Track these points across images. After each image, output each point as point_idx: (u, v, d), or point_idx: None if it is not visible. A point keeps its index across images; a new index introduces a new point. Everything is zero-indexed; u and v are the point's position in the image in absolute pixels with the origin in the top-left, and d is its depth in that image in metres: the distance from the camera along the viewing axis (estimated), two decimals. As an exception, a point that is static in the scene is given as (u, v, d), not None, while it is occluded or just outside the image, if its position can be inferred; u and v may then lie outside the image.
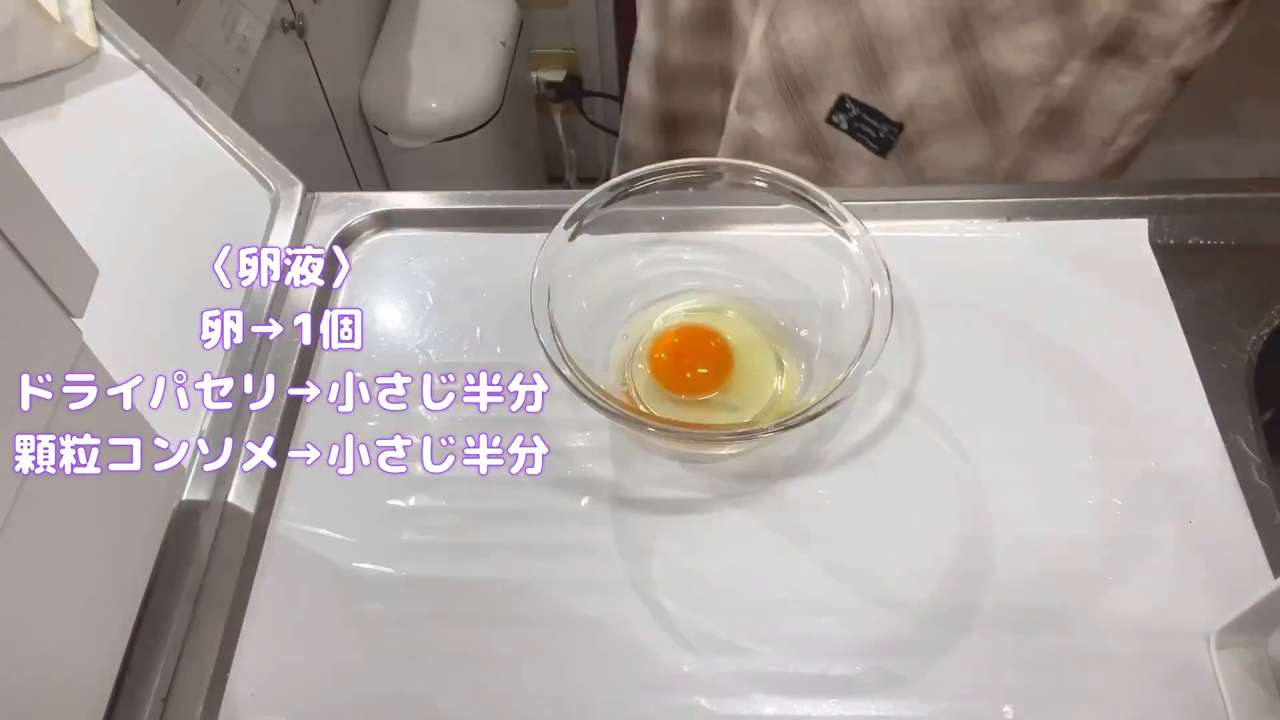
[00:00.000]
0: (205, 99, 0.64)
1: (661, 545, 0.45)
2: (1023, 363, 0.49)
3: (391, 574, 0.44)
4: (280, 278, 0.54)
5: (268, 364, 0.51)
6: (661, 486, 0.46)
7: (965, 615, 0.42)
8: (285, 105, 1.25)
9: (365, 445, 0.48)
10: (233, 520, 0.46)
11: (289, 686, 0.42)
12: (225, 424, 0.48)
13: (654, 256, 0.50)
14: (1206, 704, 0.39)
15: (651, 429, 0.41)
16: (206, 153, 0.62)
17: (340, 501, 0.47)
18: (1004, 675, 0.40)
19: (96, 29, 0.68)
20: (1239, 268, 0.52)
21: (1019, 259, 0.53)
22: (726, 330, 0.49)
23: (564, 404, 0.49)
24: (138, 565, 0.42)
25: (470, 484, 0.47)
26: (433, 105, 1.45)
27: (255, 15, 1.12)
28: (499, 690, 0.41)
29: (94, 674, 0.39)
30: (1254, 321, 0.50)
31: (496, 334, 0.52)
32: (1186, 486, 0.45)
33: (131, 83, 0.66)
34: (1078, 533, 0.44)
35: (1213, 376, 0.48)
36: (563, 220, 0.46)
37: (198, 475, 0.47)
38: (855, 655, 0.41)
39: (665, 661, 0.41)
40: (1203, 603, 0.42)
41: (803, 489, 0.46)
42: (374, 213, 0.57)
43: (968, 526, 0.44)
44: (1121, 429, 0.47)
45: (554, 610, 0.43)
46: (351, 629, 0.43)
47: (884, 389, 0.49)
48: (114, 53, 0.67)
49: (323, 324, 0.53)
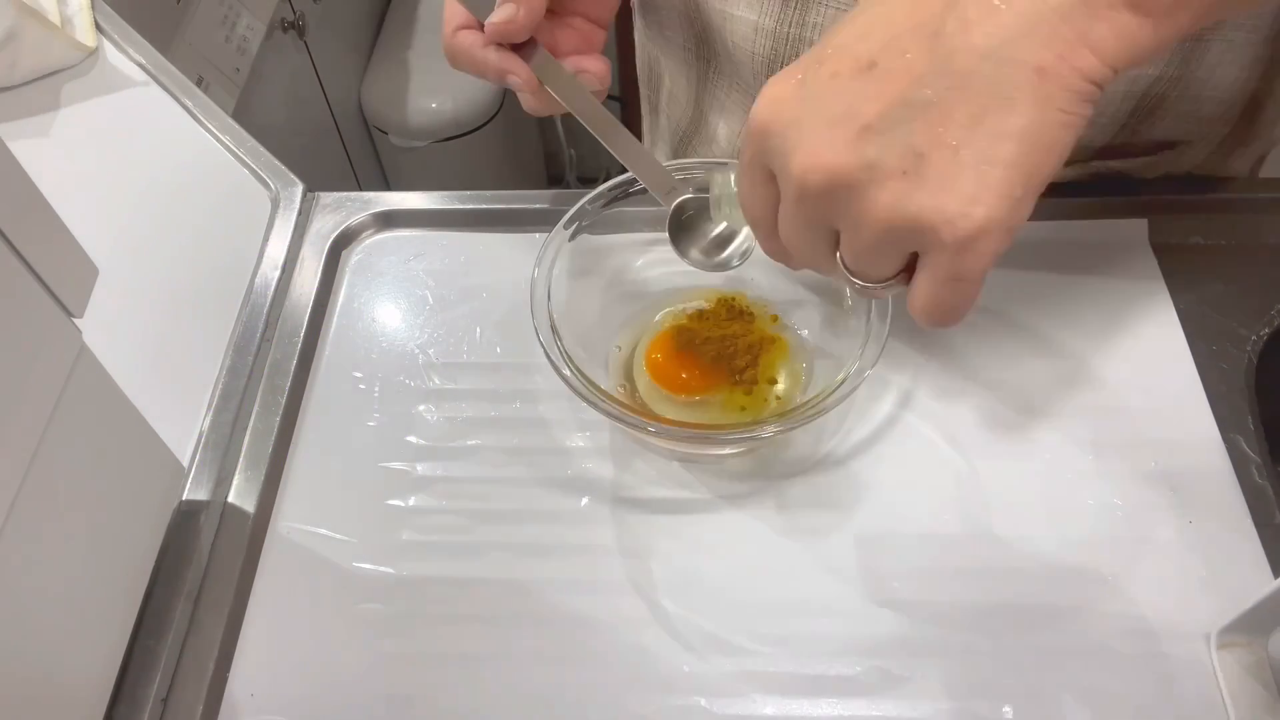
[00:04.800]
0: (205, 99, 0.65)
1: (661, 545, 0.45)
2: (1023, 362, 0.49)
3: (391, 574, 0.44)
4: (280, 277, 0.54)
5: (268, 364, 0.51)
6: (661, 486, 0.46)
7: (965, 615, 0.42)
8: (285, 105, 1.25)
9: (365, 445, 0.48)
10: (233, 520, 0.46)
11: (289, 686, 0.42)
12: (225, 424, 0.48)
13: (654, 256, 0.50)
14: (1206, 704, 0.39)
15: (651, 429, 0.41)
16: (206, 153, 0.62)
17: (340, 501, 0.47)
18: (1004, 675, 0.40)
19: (96, 29, 0.68)
20: (1239, 268, 0.52)
21: (1019, 259, 0.53)
22: (726, 330, 0.49)
23: (564, 404, 0.49)
24: (138, 565, 0.42)
25: (470, 484, 0.47)
26: (433, 105, 1.45)
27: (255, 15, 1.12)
28: (499, 690, 0.41)
29: (94, 674, 0.39)
30: (1254, 321, 0.50)
31: (496, 334, 0.52)
32: (1186, 486, 0.45)
33: (131, 83, 0.66)
34: (1078, 533, 0.44)
35: (1213, 376, 0.48)
36: (563, 220, 0.46)
37: (198, 475, 0.47)
38: (855, 655, 0.41)
39: (665, 661, 0.41)
40: (1203, 603, 0.42)
41: (803, 489, 0.46)
42: (374, 213, 0.57)
43: (968, 526, 0.44)
44: (1121, 429, 0.47)
45: (554, 610, 0.43)
46: (351, 629, 0.43)
47: (884, 389, 0.49)
48: (114, 53, 0.67)
49: (322, 324, 0.53)
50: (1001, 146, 0.29)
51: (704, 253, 0.44)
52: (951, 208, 0.29)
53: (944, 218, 0.29)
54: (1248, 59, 0.50)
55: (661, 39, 0.61)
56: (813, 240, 0.34)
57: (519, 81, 0.44)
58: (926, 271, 0.31)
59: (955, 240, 0.29)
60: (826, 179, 0.31)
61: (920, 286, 0.32)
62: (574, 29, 0.48)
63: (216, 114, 0.63)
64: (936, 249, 0.30)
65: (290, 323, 0.53)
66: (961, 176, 0.29)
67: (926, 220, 0.29)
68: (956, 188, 0.29)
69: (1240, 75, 0.51)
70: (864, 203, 0.30)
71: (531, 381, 0.50)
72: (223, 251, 0.56)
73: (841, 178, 0.30)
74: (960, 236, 0.29)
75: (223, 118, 0.63)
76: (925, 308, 0.32)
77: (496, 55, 0.44)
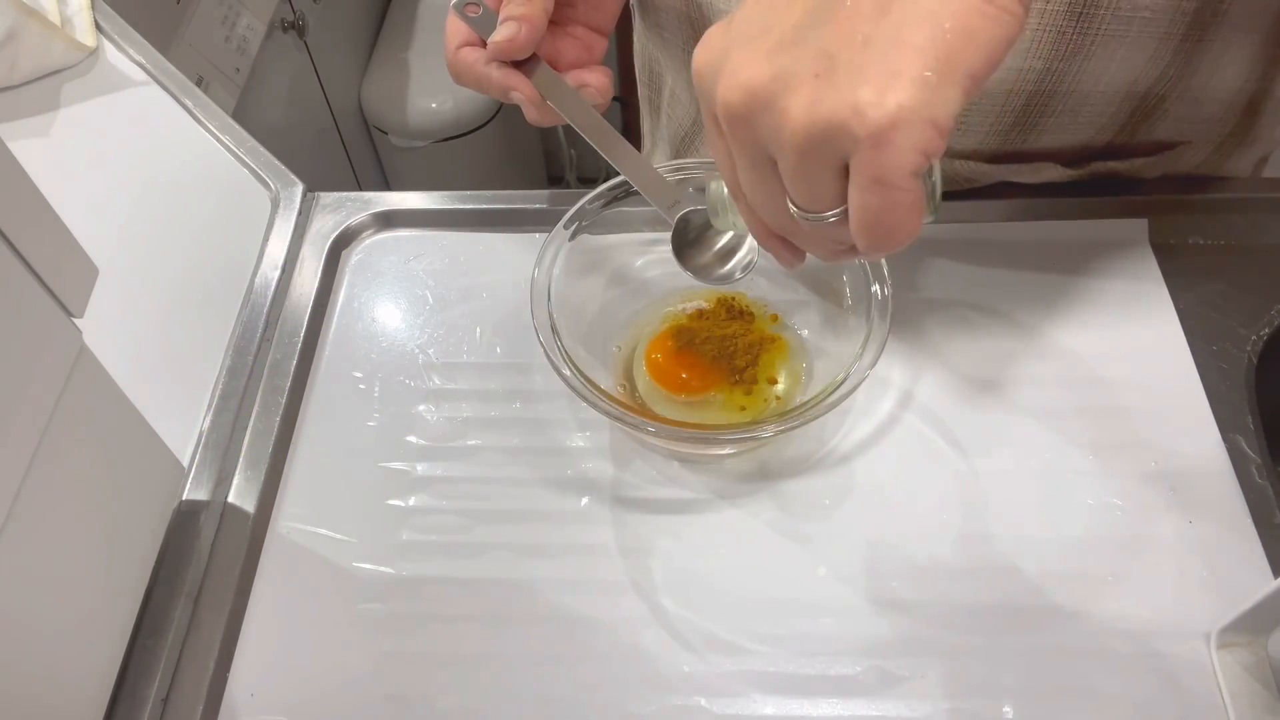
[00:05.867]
0: (205, 99, 0.65)
1: (661, 545, 0.45)
2: (1023, 363, 0.49)
3: (391, 574, 0.44)
4: (280, 277, 0.54)
5: (268, 364, 0.51)
6: (661, 486, 0.46)
7: (965, 615, 0.42)
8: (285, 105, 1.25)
9: (365, 445, 0.48)
10: (233, 520, 0.46)
11: (289, 686, 0.42)
12: (225, 424, 0.48)
13: (654, 256, 0.50)
14: (1206, 704, 0.39)
15: (651, 429, 0.41)
16: (206, 153, 0.62)
17: (340, 501, 0.47)
18: (1004, 675, 0.40)
19: (96, 29, 0.68)
20: (1239, 268, 0.52)
21: (1019, 259, 0.53)
22: (725, 330, 0.49)
23: (564, 404, 0.49)
24: (138, 565, 0.42)
25: (470, 484, 0.47)
26: (433, 105, 1.45)
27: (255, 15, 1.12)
28: (499, 690, 0.41)
29: (94, 674, 0.39)
30: (1254, 321, 0.50)
31: (496, 334, 0.52)
32: (1186, 486, 0.45)
33: (131, 83, 0.66)
34: (1078, 533, 0.44)
35: (1213, 376, 0.48)
36: (563, 220, 0.46)
37: (198, 475, 0.47)
38: (855, 655, 0.41)
39: (665, 661, 0.41)
40: (1203, 603, 0.42)
41: (803, 489, 0.46)
42: (374, 213, 0.57)
43: (968, 526, 0.44)
44: (1121, 429, 0.47)
45: (554, 610, 0.43)
46: (351, 629, 0.43)
47: (884, 389, 0.49)
48: (114, 53, 0.67)
49: (322, 324, 0.53)
50: (910, 31, 0.27)
51: (707, 265, 0.44)
52: (862, 98, 0.27)
53: (854, 110, 0.28)
54: (1246, 59, 0.50)
55: (660, 40, 0.61)
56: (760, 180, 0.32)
57: (521, 97, 0.45)
58: (853, 182, 0.30)
59: (869, 133, 0.28)
60: (744, 96, 0.30)
61: (851, 201, 0.30)
62: (575, 39, 0.48)
63: (216, 114, 0.63)
64: (855, 150, 0.28)
65: (290, 323, 0.53)
66: (869, 67, 0.28)
67: (839, 118, 0.28)
68: (865, 79, 0.28)
69: (1239, 75, 0.51)
70: (781, 115, 0.29)
71: (531, 381, 0.50)
72: (223, 251, 0.56)
73: (757, 92, 0.29)
74: (872, 128, 0.27)
75: (223, 118, 0.63)
76: (858, 225, 0.30)
77: (499, 72, 0.45)
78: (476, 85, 0.46)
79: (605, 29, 0.49)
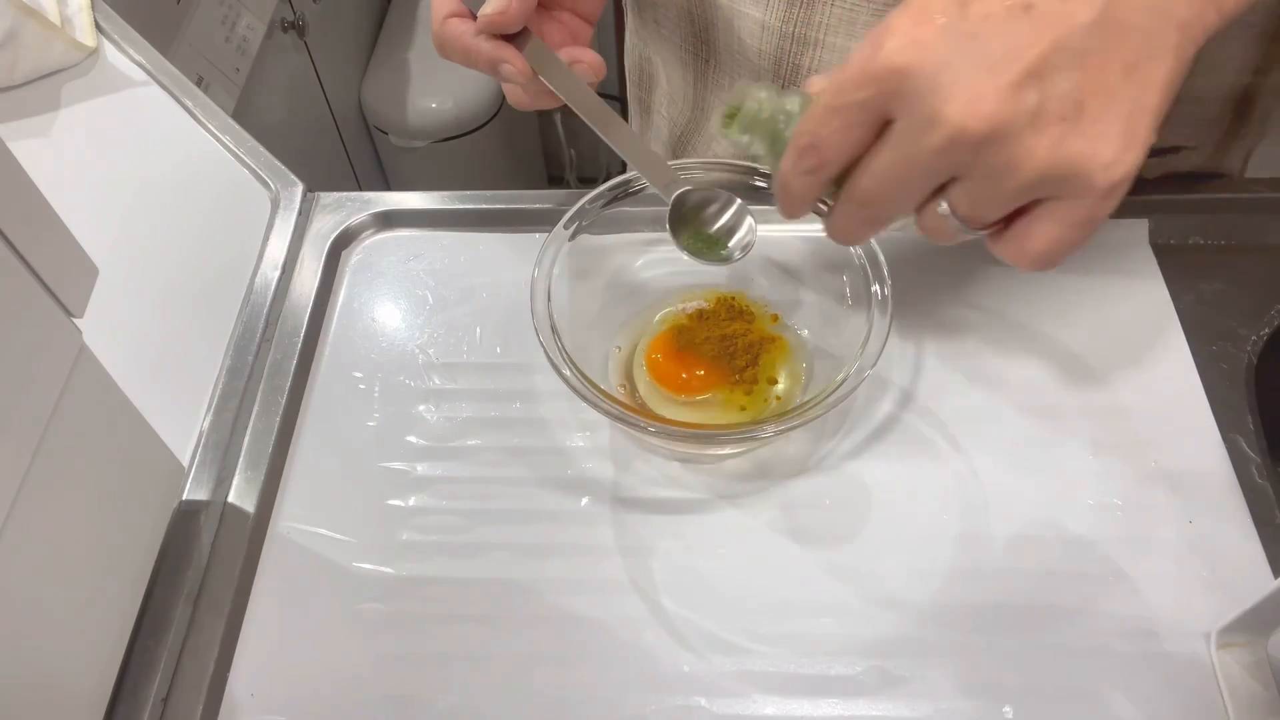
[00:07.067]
0: (205, 99, 0.65)
1: (661, 545, 0.45)
2: (1023, 363, 0.49)
3: (391, 574, 0.44)
4: (280, 278, 0.54)
5: (268, 364, 0.51)
6: (661, 486, 0.46)
7: (965, 615, 0.42)
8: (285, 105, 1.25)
9: (365, 445, 0.48)
10: (233, 520, 0.46)
11: (289, 686, 0.42)
12: (225, 424, 0.48)
13: (654, 256, 0.50)
14: (1206, 704, 0.39)
15: (651, 429, 0.41)
16: (206, 153, 0.62)
17: (340, 501, 0.47)
18: (1004, 675, 0.40)
19: (96, 29, 0.68)
20: (1239, 268, 0.52)
21: (1019, 259, 0.53)
22: (726, 330, 0.49)
23: (564, 404, 0.49)
24: (138, 565, 0.42)
25: (470, 484, 0.47)
26: (433, 105, 1.45)
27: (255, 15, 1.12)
28: (499, 690, 0.41)
29: (94, 674, 0.39)
30: (1254, 321, 0.50)
31: (496, 334, 0.52)
32: (1186, 486, 0.45)
33: (131, 83, 0.66)
34: (1078, 533, 0.44)
35: (1213, 376, 0.48)
36: (563, 220, 0.46)
37: (198, 475, 0.47)
38: (855, 655, 0.41)
39: (665, 661, 0.41)
40: (1203, 603, 0.42)
41: (803, 489, 0.46)
42: (374, 213, 0.57)
43: (968, 526, 0.44)
44: (1121, 429, 0.47)
45: (553, 610, 0.43)
46: (351, 629, 0.43)
47: (884, 389, 0.49)
48: (114, 53, 0.67)
49: (322, 324, 0.53)
50: (1150, 96, 0.30)
51: (705, 245, 0.43)
52: (1108, 154, 0.30)
53: (1100, 164, 0.30)
54: (1240, 56, 0.50)
55: (658, 37, 0.61)
56: (918, 187, 0.33)
57: (512, 70, 0.43)
58: (1055, 216, 0.32)
59: (1108, 185, 0.30)
60: (988, 126, 0.30)
61: (1044, 230, 0.32)
62: (561, 23, 0.47)
63: (216, 114, 0.63)
64: (1082, 194, 0.31)
65: (290, 323, 0.53)
66: (1117, 124, 0.30)
67: (1082, 167, 0.30)
68: (1112, 134, 0.30)
69: (1236, 70, 0.51)
70: (1019, 150, 0.30)
71: (531, 381, 0.50)
72: (223, 251, 0.56)
73: (1003, 125, 0.30)
74: (1114, 181, 0.30)
75: (223, 118, 0.63)
76: (1046, 251, 0.33)
77: (489, 44, 0.43)
78: (464, 59, 0.44)
79: (592, 16, 0.48)
